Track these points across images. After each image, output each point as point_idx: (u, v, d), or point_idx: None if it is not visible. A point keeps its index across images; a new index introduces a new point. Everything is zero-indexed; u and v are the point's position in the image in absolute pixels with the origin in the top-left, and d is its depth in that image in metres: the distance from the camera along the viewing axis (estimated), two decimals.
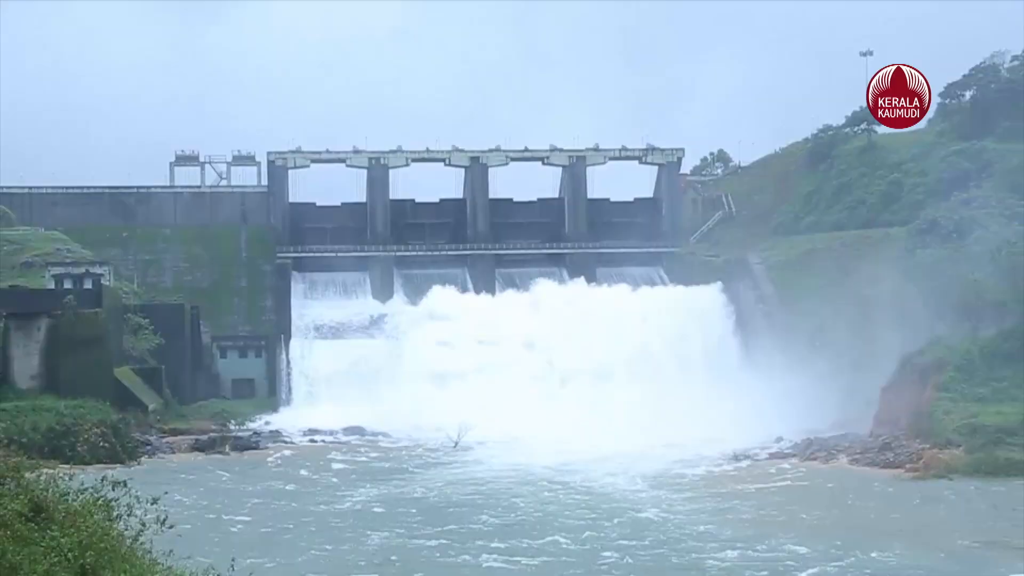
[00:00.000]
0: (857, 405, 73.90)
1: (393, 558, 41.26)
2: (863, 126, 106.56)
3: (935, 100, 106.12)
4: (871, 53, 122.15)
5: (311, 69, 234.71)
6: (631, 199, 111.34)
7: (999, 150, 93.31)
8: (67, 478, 19.99)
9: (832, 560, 41.06)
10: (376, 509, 54.10)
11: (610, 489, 57.52)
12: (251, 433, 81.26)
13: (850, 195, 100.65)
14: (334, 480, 65.34)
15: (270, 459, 73.41)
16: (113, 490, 18.93)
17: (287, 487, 61.91)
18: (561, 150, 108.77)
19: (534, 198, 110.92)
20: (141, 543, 18.30)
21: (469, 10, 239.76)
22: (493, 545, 43.91)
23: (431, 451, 74.71)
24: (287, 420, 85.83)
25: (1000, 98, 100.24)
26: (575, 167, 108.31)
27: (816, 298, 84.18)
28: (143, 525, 18.48)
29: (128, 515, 18.63)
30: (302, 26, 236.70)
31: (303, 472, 67.59)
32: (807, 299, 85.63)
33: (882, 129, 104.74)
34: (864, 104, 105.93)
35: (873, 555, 41.85)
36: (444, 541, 44.93)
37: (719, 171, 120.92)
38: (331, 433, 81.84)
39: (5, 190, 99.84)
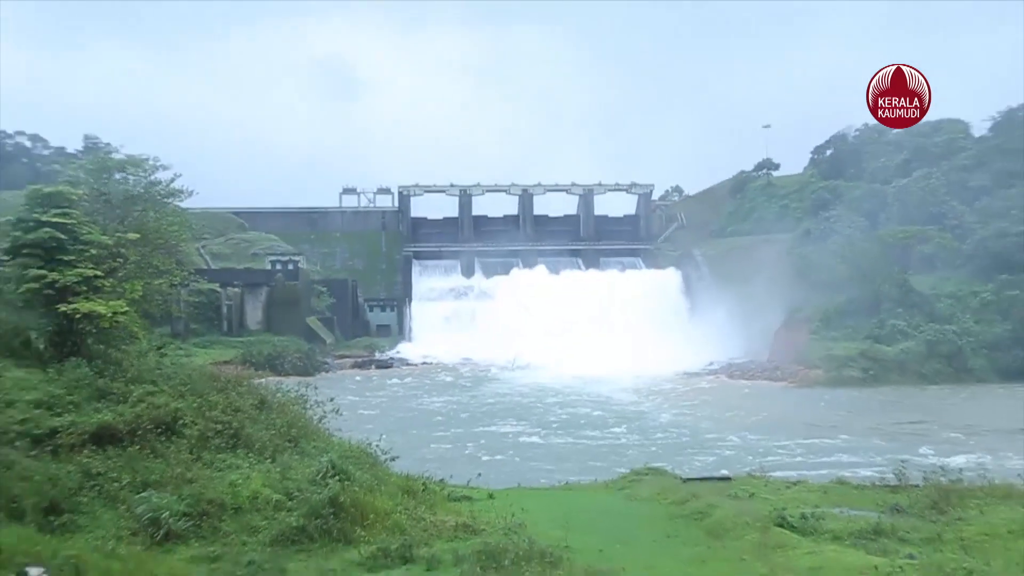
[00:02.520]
0: (759, 343, 75.75)
1: (482, 441, 41.26)
2: (764, 171, 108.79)
3: (808, 153, 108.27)
4: (769, 126, 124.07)
5: (420, 127, 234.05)
6: (621, 215, 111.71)
7: (847, 186, 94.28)
8: (279, 383, 22.64)
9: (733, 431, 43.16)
10: (460, 404, 55.53)
11: (609, 396, 58.37)
12: (387, 358, 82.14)
13: (756, 213, 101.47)
14: (438, 385, 66.86)
15: (399, 374, 74.54)
16: (306, 391, 21.71)
17: (411, 391, 63.06)
18: (577, 184, 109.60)
19: (561, 214, 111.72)
20: (323, 423, 20.21)
21: (514, 90, 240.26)
22: (559, 431, 43.96)
23: (501, 369, 76.30)
24: (409, 350, 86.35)
25: (847, 153, 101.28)
26: (587, 195, 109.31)
27: (734, 277, 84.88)
28: (324, 412, 20.29)
29: (315, 405, 20.58)
30: (412, 97, 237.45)
31: (421, 381, 69.34)
32: (729, 277, 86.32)
33: (776, 172, 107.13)
34: (765, 156, 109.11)
35: (752, 424, 43.76)
36: (520, 428, 45.31)
37: (676, 197, 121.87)
38: (437, 358, 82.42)
39: (242, 209, 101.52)
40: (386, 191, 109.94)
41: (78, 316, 19.00)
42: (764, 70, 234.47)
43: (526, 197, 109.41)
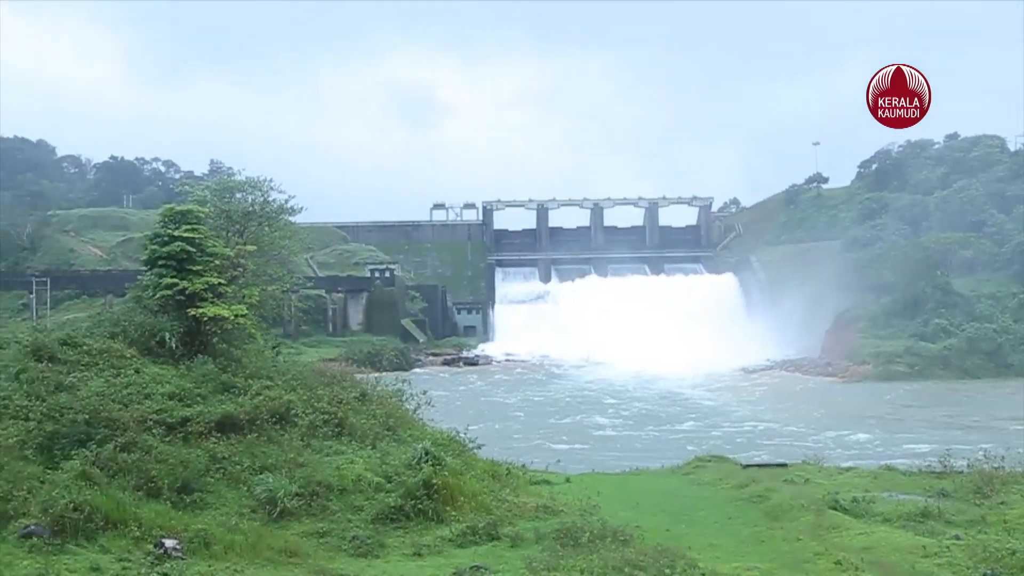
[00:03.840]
0: (811, 341, 74.17)
1: (559, 431, 41.41)
2: (815, 184, 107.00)
3: (855, 167, 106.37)
4: (819, 143, 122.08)
5: (494, 145, 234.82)
6: (683, 225, 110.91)
7: (892, 197, 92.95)
8: (377, 378, 22.83)
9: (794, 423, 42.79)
10: (539, 398, 55.54)
11: (674, 390, 58.02)
12: (473, 355, 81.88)
13: (807, 223, 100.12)
14: (518, 380, 66.98)
15: (484, 370, 74.65)
16: (402, 385, 21.86)
17: (494, 385, 63.30)
18: (643, 198, 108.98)
19: (628, 225, 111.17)
20: (418, 414, 20.38)
21: (576, 110, 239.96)
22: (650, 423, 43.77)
23: (575, 366, 75.86)
24: (493, 349, 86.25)
25: (892, 167, 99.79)
26: (651, 208, 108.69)
27: (788, 281, 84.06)
28: (418, 404, 20.50)
29: (410, 398, 20.79)
30: (485, 119, 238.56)
31: (503, 376, 69.66)
32: (783, 281, 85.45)
33: (825, 184, 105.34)
34: (815, 170, 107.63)
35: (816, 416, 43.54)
36: (593, 419, 45.44)
37: (733, 209, 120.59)
38: (517, 356, 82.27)
39: (345, 223, 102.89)
40: (471, 206, 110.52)
41: (205, 319, 19.56)
42: (810, 89, 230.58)
43: (597, 210, 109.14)
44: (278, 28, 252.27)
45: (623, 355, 73.73)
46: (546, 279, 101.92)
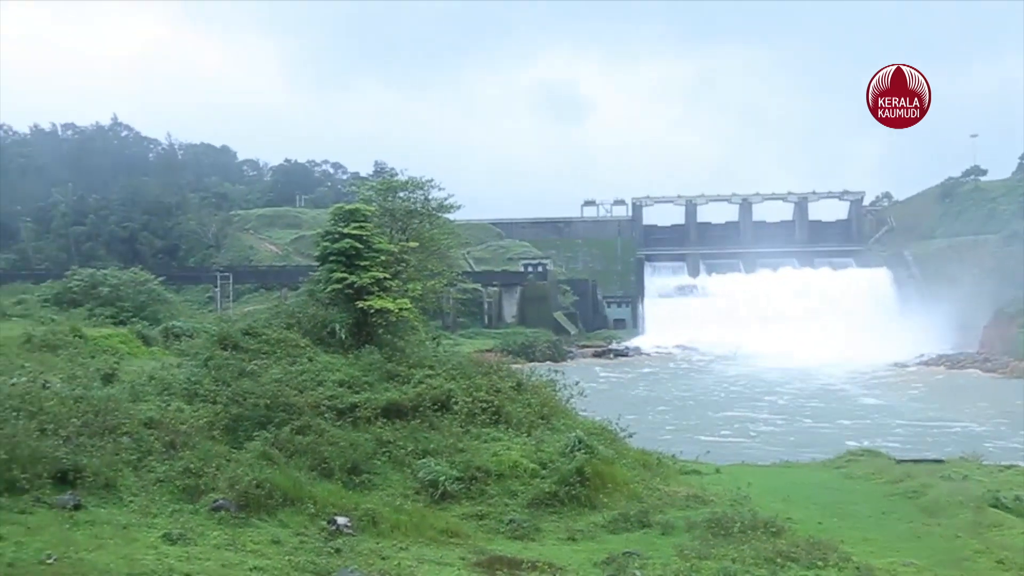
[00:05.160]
0: (967, 336, 71.29)
1: (708, 422, 40.73)
2: (972, 177, 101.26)
3: (1016, 159, 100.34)
4: (977, 135, 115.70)
5: (639, 141, 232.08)
6: (834, 220, 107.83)
7: None
8: (532, 368, 22.81)
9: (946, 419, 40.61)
10: (688, 390, 54.72)
11: (825, 384, 56.23)
12: (623, 347, 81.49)
13: (964, 216, 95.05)
14: (668, 372, 66.19)
15: (634, 362, 74.24)
16: (555, 375, 21.77)
17: (643, 376, 62.78)
18: (792, 192, 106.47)
19: (778, 220, 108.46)
20: (570, 404, 20.12)
21: (720, 105, 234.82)
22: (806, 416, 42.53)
23: (723, 358, 74.55)
24: (642, 341, 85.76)
25: None
26: (801, 202, 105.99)
27: (943, 275, 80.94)
28: (571, 394, 20.19)
29: (563, 388, 20.55)
30: (631, 114, 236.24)
31: (653, 368, 69.02)
32: (937, 276, 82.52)
33: (984, 177, 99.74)
34: (972, 163, 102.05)
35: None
36: (742, 411, 44.41)
37: (885, 203, 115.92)
38: (666, 348, 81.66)
39: (499, 220, 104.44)
40: (621, 202, 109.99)
41: (372, 311, 20.19)
42: (965, 81, 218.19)
43: (745, 205, 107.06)
44: (427, 31, 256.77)
45: (773, 348, 72.06)
46: (695, 273, 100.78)
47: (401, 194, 25.43)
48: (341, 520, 12.10)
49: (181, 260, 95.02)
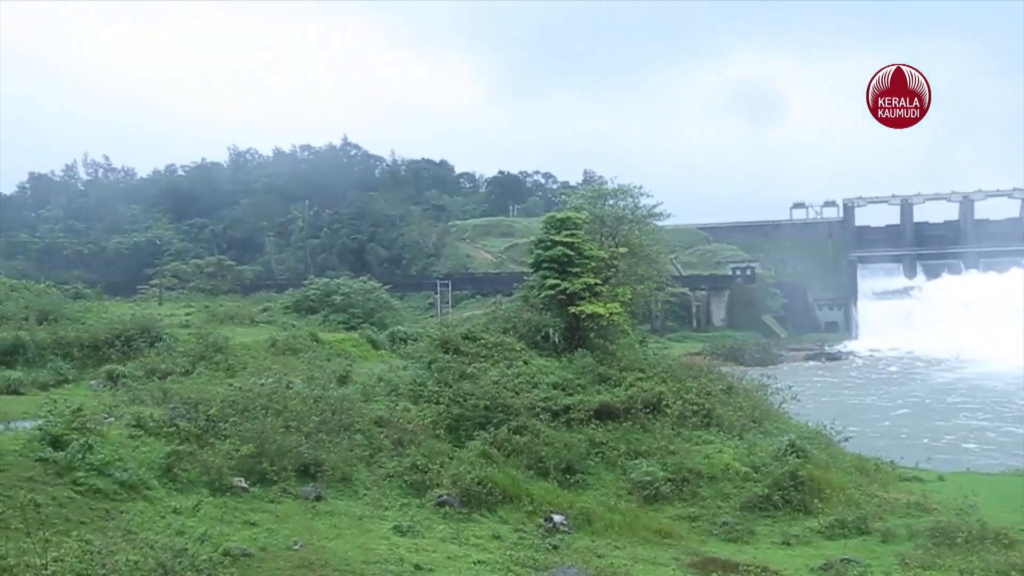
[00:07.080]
0: None
1: (928, 427, 38.46)
2: None
3: None
4: None
5: (835, 140, 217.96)
6: None
7: None
8: (742, 372, 22.07)
9: None
10: (906, 395, 51.32)
11: None
12: (836, 351, 78.16)
13: None
14: (883, 376, 62.31)
15: (847, 366, 70.75)
16: (766, 379, 21.01)
17: (858, 381, 59.39)
18: (1018, 189, 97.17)
19: (1003, 218, 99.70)
20: (782, 408, 19.82)
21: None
22: None
23: (943, 362, 69.23)
24: (855, 345, 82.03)
25: None
26: None
27: None
28: (783, 398, 19.77)
29: (775, 392, 20.06)
30: (827, 113, 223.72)
31: (867, 372, 65.30)
32: None
33: None
34: None
35: None
36: (965, 417, 41.60)
37: None
38: (881, 352, 77.34)
39: (706, 225, 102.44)
40: (831, 204, 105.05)
41: (583, 316, 20.41)
42: None
43: (966, 203, 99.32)
44: (615, 39, 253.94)
45: (999, 352, 65.99)
46: (911, 274, 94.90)
47: (610, 202, 25.44)
48: (557, 518, 12.25)
49: (404, 269, 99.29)
